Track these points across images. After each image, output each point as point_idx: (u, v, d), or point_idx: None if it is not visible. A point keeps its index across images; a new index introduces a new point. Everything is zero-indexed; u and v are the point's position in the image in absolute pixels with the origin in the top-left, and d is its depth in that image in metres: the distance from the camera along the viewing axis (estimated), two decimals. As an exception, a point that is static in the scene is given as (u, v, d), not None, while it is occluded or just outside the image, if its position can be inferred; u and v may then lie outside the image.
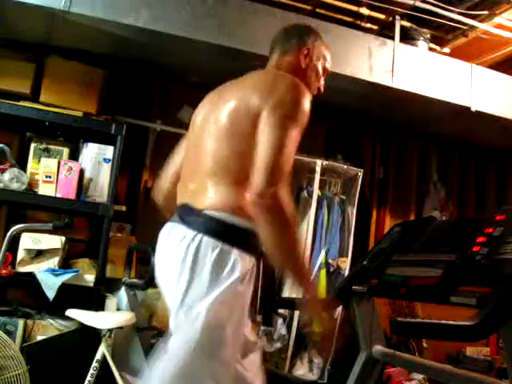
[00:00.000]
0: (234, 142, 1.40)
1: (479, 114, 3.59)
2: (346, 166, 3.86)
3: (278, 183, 1.30)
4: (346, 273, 3.63)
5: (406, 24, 3.58)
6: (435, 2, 3.38)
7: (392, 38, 3.44)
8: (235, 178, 1.38)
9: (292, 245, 1.36)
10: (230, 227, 1.36)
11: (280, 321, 3.57)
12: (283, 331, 3.53)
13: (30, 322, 2.72)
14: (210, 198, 1.39)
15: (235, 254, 1.35)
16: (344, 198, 3.87)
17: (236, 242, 1.36)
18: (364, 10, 3.52)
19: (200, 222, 1.37)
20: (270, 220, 1.31)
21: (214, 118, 1.48)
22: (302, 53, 1.63)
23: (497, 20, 3.51)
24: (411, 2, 3.38)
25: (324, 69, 1.69)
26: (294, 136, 1.37)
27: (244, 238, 1.38)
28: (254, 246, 1.41)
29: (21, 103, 3.05)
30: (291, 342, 3.53)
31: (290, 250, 1.37)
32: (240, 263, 1.34)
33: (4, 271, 2.78)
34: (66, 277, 2.80)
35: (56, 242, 2.97)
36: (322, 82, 1.70)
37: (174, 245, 1.40)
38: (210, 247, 1.33)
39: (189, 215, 1.41)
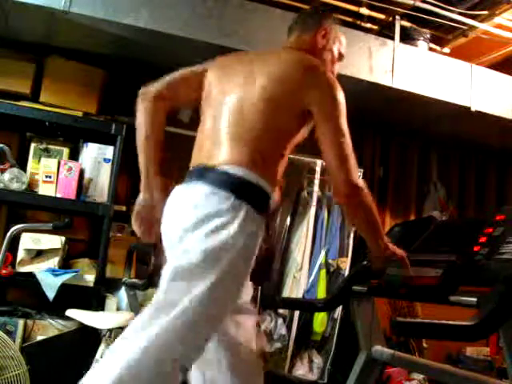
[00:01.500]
0: (270, 117, 1.46)
1: (479, 113, 3.59)
2: (346, 166, 3.86)
3: (358, 179, 1.50)
4: (346, 273, 3.63)
5: (406, 24, 3.58)
6: (435, 2, 3.38)
7: (392, 38, 3.44)
8: (263, 148, 1.43)
9: (378, 225, 1.56)
10: (243, 182, 1.38)
11: (280, 321, 3.57)
12: (283, 331, 3.53)
13: (29, 321, 2.72)
14: (227, 153, 1.42)
15: (245, 209, 1.35)
16: (344, 198, 3.86)
17: (248, 197, 1.37)
18: (364, 10, 3.52)
19: (213, 177, 1.39)
20: (365, 213, 1.52)
21: (247, 88, 1.50)
22: (319, 33, 1.67)
23: (497, 20, 3.51)
24: (411, 2, 3.38)
25: (339, 53, 1.73)
26: (348, 133, 1.58)
27: (256, 195, 1.40)
28: (265, 205, 1.43)
29: (21, 103, 3.05)
30: (291, 342, 3.53)
31: (376, 229, 1.57)
32: (249, 218, 1.35)
33: (4, 271, 2.78)
34: (65, 277, 2.80)
35: (56, 242, 2.97)
36: (337, 66, 1.74)
37: (186, 197, 1.42)
38: (222, 199, 1.34)
39: (202, 172, 1.43)
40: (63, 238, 3.01)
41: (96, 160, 3.06)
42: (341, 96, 1.56)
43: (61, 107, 3.14)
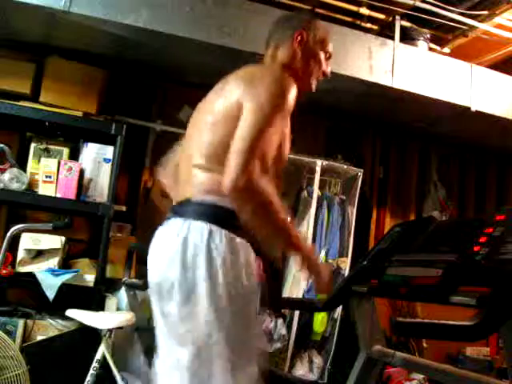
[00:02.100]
0: (217, 130, 1.39)
1: (479, 113, 3.59)
2: (346, 166, 3.86)
3: (253, 168, 1.27)
4: (346, 273, 3.63)
5: (406, 24, 3.58)
6: (435, 2, 3.38)
7: (392, 38, 3.45)
8: (220, 164, 1.36)
9: (277, 223, 1.34)
10: (218, 209, 1.35)
11: (280, 321, 3.57)
12: (283, 331, 3.53)
13: (29, 321, 2.72)
14: (197, 185, 1.39)
15: (225, 235, 1.33)
16: (344, 198, 3.87)
17: (225, 223, 1.34)
18: (364, 10, 3.52)
19: (188, 210, 1.37)
20: (247, 205, 1.31)
21: (203, 110, 1.49)
22: (295, 41, 1.58)
23: (497, 20, 3.52)
24: (411, 2, 3.38)
25: (325, 53, 1.63)
26: (274, 122, 1.34)
27: (233, 219, 1.35)
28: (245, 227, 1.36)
29: (21, 103, 3.05)
30: (291, 342, 3.54)
31: (276, 228, 1.36)
32: (231, 244, 1.33)
33: (4, 271, 2.78)
34: (65, 277, 2.80)
35: (56, 241, 2.97)
36: (325, 66, 1.63)
37: (166, 237, 1.40)
38: (200, 231, 1.32)
39: (180, 207, 1.42)
40: (63, 238, 3.01)
41: (96, 160, 3.05)
42: (285, 90, 1.39)
43: (61, 107, 3.14)
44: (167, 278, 1.36)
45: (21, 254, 2.92)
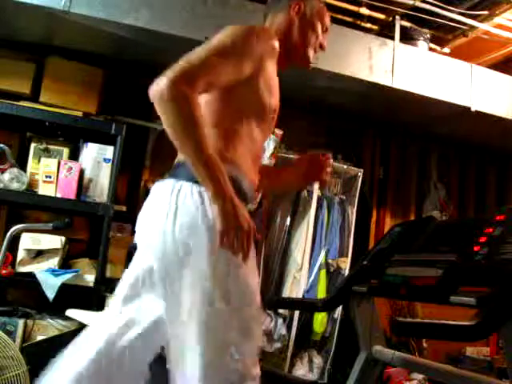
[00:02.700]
0: (219, 101, 1.40)
1: (479, 114, 3.59)
2: (345, 166, 3.86)
3: (187, 81, 1.23)
4: (346, 273, 3.63)
5: (406, 24, 3.58)
6: (435, 2, 3.38)
7: (392, 38, 3.45)
8: (221, 128, 1.37)
9: (182, 125, 1.28)
10: (186, 166, 1.32)
11: (280, 321, 3.57)
12: (283, 331, 3.53)
13: (29, 321, 2.72)
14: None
15: (194, 188, 1.29)
16: (344, 198, 3.87)
17: (192, 177, 1.29)
18: (364, 10, 3.52)
19: (179, 171, 1.36)
20: (167, 115, 1.31)
21: None
22: (293, 10, 1.58)
23: (497, 20, 3.51)
24: (411, 2, 3.38)
25: (322, 25, 1.62)
26: (227, 54, 1.33)
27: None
28: (237, 190, 1.29)
29: (21, 103, 3.05)
30: (291, 342, 3.53)
31: (179, 129, 1.29)
32: (201, 196, 1.29)
33: (4, 271, 2.78)
34: (66, 277, 2.80)
35: (56, 241, 2.97)
36: (322, 38, 1.63)
37: (157, 197, 1.38)
38: (189, 192, 1.29)
39: (170, 170, 1.41)
40: (63, 238, 3.01)
41: (96, 160, 3.05)
42: (242, 30, 1.39)
43: (61, 107, 3.14)
44: (149, 238, 1.36)
45: (21, 254, 2.92)
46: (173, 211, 1.29)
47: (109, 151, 3.06)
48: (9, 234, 2.68)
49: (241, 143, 1.40)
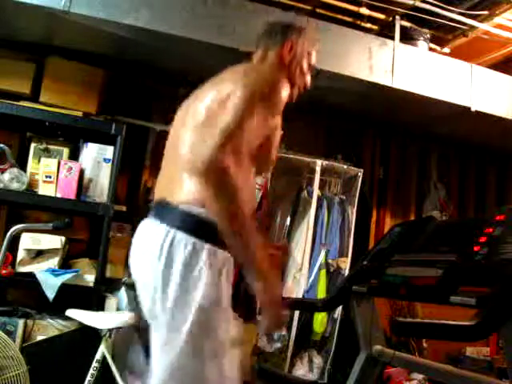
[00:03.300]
0: (209, 131, 1.33)
1: (479, 114, 3.59)
2: (346, 166, 3.87)
3: (228, 150, 1.20)
4: (346, 273, 3.63)
5: (406, 24, 3.58)
6: (435, 2, 3.38)
7: (392, 38, 3.45)
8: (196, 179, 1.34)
9: (235, 216, 1.22)
10: (203, 222, 1.32)
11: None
12: (283, 331, 3.53)
13: (29, 321, 2.71)
14: (185, 191, 1.36)
15: (208, 249, 1.30)
16: (344, 198, 3.87)
17: (209, 237, 1.31)
18: (364, 10, 3.52)
19: (174, 217, 1.34)
20: (212, 183, 1.21)
21: (191, 110, 1.46)
22: (285, 48, 1.61)
23: (497, 20, 3.51)
24: (411, 2, 3.38)
25: (309, 65, 1.66)
26: (256, 110, 1.30)
27: (217, 233, 1.31)
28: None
29: (21, 103, 3.05)
30: (291, 342, 3.53)
31: (230, 221, 1.24)
32: (212, 258, 1.30)
33: (4, 271, 2.78)
34: (66, 277, 2.80)
35: (56, 241, 2.97)
36: (308, 78, 1.67)
37: (149, 241, 1.38)
38: (183, 243, 1.30)
39: (163, 210, 1.39)
40: (63, 238, 3.01)
41: (96, 160, 3.05)
42: (270, 81, 1.40)
43: (61, 107, 3.14)
44: (148, 283, 1.36)
45: (21, 254, 2.92)
46: (166, 261, 1.30)
47: (109, 151, 3.06)
48: (9, 233, 2.68)
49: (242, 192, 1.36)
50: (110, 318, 2.60)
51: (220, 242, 1.32)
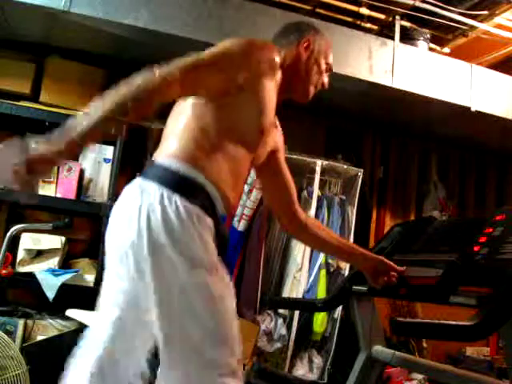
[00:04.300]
0: (195, 108, 1.42)
1: (479, 114, 3.59)
2: (346, 166, 3.86)
3: (172, 71, 1.35)
4: (346, 273, 3.63)
5: (406, 24, 3.58)
6: (435, 2, 3.38)
7: (392, 38, 3.44)
8: (197, 136, 1.37)
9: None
10: (176, 174, 1.32)
11: (280, 321, 3.57)
12: (283, 331, 3.53)
13: (29, 321, 2.72)
14: (165, 149, 1.41)
15: (179, 201, 1.27)
16: (344, 197, 3.87)
17: (181, 190, 1.29)
18: (364, 10, 3.52)
19: (150, 171, 1.37)
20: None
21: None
22: (301, 45, 1.60)
23: (497, 20, 3.52)
24: (411, 2, 3.38)
25: (327, 64, 1.65)
26: (218, 61, 1.40)
27: (191, 188, 1.32)
28: (205, 201, 1.32)
29: (21, 103, 3.05)
30: (291, 342, 3.53)
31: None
32: (185, 210, 1.26)
33: (4, 271, 2.78)
34: (66, 277, 2.80)
35: (56, 242, 2.97)
36: (326, 77, 1.66)
37: (125, 199, 1.37)
38: (154, 193, 1.28)
39: (147, 169, 1.41)
40: (63, 238, 3.01)
41: (96, 160, 3.06)
42: (234, 39, 1.48)
43: (61, 107, 3.14)
44: (120, 243, 1.34)
45: (21, 254, 2.92)
46: (134, 212, 1.30)
47: (109, 151, 3.06)
48: (9, 233, 2.68)
49: (223, 159, 1.39)
50: (110, 317, 2.59)
51: (194, 198, 1.30)
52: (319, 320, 3.59)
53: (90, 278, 2.91)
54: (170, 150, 1.39)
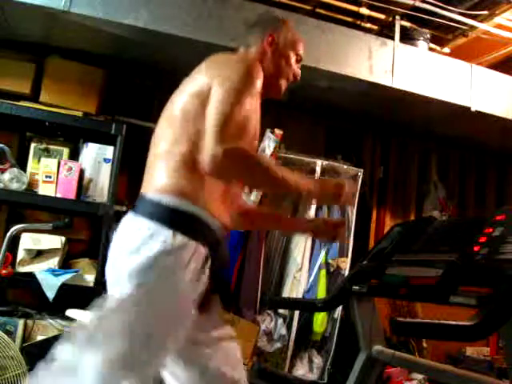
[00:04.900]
0: (183, 124, 1.39)
1: (479, 114, 3.59)
2: (346, 166, 3.86)
3: (230, 141, 1.26)
4: (346, 273, 3.63)
5: (406, 24, 3.58)
6: (435, 2, 3.38)
7: (392, 38, 3.45)
8: (182, 161, 1.35)
9: (271, 176, 1.36)
10: (168, 209, 1.32)
11: (280, 321, 3.57)
12: (283, 331, 3.53)
13: (29, 321, 2.72)
14: (154, 181, 1.39)
15: (169, 236, 1.28)
16: (344, 197, 3.86)
17: (175, 224, 1.30)
18: (364, 10, 3.52)
19: (141, 206, 1.37)
20: (236, 172, 1.33)
21: (169, 105, 1.49)
22: (266, 41, 1.59)
23: (497, 20, 3.52)
24: (411, 2, 3.38)
25: (296, 55, 1.63)
26: (243, 102, 1.34)
27: (185, 222, 1.32)
28: (200, 232, 1.33)
29: (21, 103, 3.05)
30: (291, 342, 3.53)
31: (273, 182, 1.39)
32: (178, 247, 1.28)
33: (4, 271, 2.78)
34: (66, 277, 2.80)
35: (56, 242, 2.97)
36: (297, 69, 1.63)
37: (119, 231, 1.40)
38: (145, 228, 1.30)
39: (137, 202, 1.41)
40: (63, 238, 3.01)
41: (96, 160, 3.06)
42: (250, 71, 1.40)
43: (61, 107, 3.14)
44: (111, 274, 1.45)
45: (21, 254, 2.92)
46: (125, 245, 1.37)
47: (109, 151, 3.06)
48: (9, 233, 2.68)
49: (211, 180, 1.36)
50: (109, 318, 2.59)
51: (189, 231, 1.31)
52: (319, 320, 3.59)
53: (90, 278, 2.91)
54: (157, 184, 1.38)
